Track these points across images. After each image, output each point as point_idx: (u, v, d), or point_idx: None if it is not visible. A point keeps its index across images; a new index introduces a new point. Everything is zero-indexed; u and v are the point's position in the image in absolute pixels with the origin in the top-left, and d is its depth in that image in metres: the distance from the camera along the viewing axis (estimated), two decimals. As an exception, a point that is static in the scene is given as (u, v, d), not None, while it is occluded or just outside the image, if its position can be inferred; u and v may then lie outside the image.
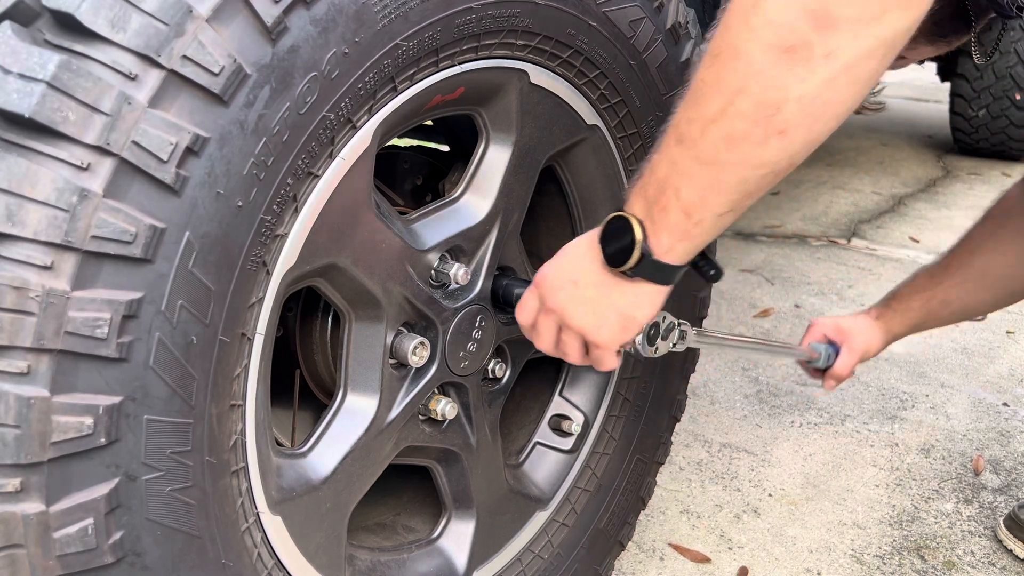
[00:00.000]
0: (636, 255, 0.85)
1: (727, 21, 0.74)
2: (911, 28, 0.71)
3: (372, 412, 0.98)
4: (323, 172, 0.82)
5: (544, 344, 0.98)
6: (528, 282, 1.04)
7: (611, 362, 0.95)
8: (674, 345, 1.02)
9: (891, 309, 1.53)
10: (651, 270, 0.86)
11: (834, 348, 1.51)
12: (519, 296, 1.04)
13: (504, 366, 1.17)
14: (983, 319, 2.54)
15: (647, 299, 0.90)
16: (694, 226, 0.82)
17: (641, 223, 0.85)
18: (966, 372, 2.25)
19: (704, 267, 0.95)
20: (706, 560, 1.56)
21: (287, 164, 0.75)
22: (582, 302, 0.92)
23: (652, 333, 0.97)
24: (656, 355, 0.99)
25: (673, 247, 0.84)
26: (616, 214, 0.87)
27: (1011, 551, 1.58)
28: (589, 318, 0.92)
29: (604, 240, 0.88)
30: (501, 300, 1.10)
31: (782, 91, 0.72)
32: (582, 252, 0.92)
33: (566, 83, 1.08)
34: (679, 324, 1.01)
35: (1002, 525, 1.62)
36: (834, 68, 0.71)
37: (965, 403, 2.10)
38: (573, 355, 0.97)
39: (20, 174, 0.62)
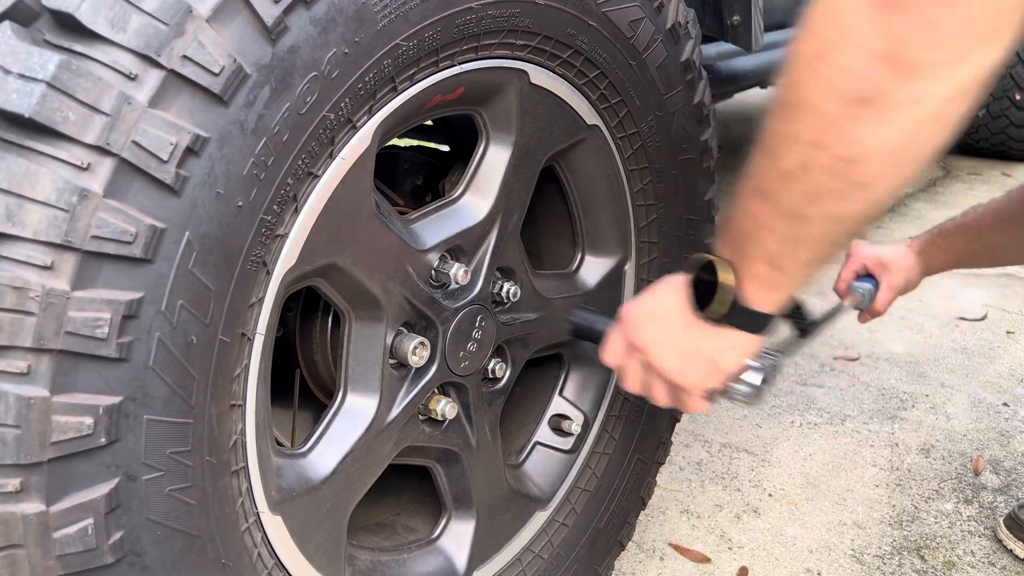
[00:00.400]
0: (725, 304, 0.82)
1: (794, 70, 0.69)
2: (1000, 61, 0.64)
3: (372, 412, 0.98)
4: (323, 172, 0.82)
5: (631, 385, 0.96)
6: (608, 317, 1.03)
7: (698, 406, 0.93)
8: (770, 383, 0.96)
9: (935, 245, 1.50)
10: (741, 318, 0.83)
11: (872, 282, 1.47)
12: (601, 332, 1.02)
13: (504, 366, 1.17)
14: (983, 318, 2.55)
15: (735, 346, 0.87)
16: (780, 276, 0.79)
17: (733, 268, 0.82)
18: (966, 372, 2.25)
19: (796, 319, 0.92)
20: (706, 560, 1.56)
21: (287, 164, 0.75)
22: (668, 343, 0.89)
23: (764, 372, 0.93)
24: (758, 401, 0.95)
25: (762, 296, 0.82)
26: (707, 257, 0.84)
27: (1011, 551, 1.58)
28: (674, 360, 0.90)
29: (694, 283, 0.86)
30: (585, 335, 1.08)
31: (860, 144, 0.66)
32: (670, 292, 0.89)
33: (566, 83, 1.08)
34: (774, 357, 0.95)
35: (1002, 525, 1.62)
36: (918, 116, 0.65)
37: (965, 403, 2.10)
38: (660, 397, 0.94)
39: (20, 174, 0.62)
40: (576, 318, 1.07)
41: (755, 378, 0.92)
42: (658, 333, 0.90)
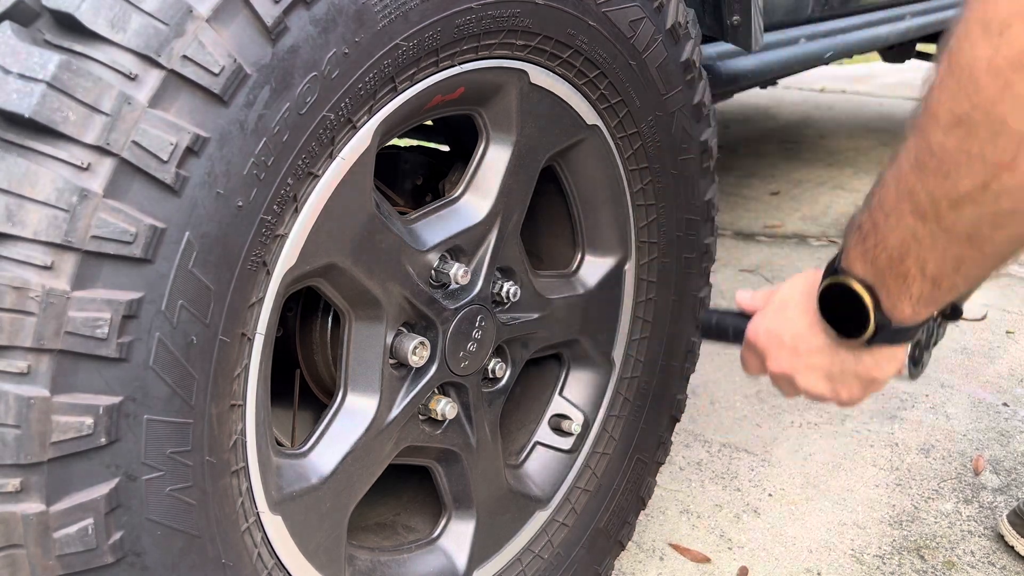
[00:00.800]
0: (871, 327, 0.77)
1: (973, 77, 0.60)
2: None
3: (372, 412, 0.98)
4: (323, 172, 0.82)
5: (787, 394, 0.93)
6: (740, 314, 0.98)
7: (862, 400, 0.89)
8: (936, 344, 0.90)
9: None
10: (890, 336, 0.79)
11: None
12: (736, 330, 0.97)
13: (504, 366, 1.17)
14: (983, 318, 2.54)
15: (888, 358, 0.83)
16: (944, 293, 0.74)
17: (871, 290, 0.76)
18: (966, 372, 2.25)
19: (946, 312, 0.85)
20: (706, 560, 1.56)
21: (287, 164, 0.75)
22: (812, 369, 0.85)
23: (916, 354, 0.87)
24: (918, 377, 0.90)
25: (917, 313, 0.76)
26: (835, 281, 0.79)
27: (1012, 547, 1.58)
28: (824, 385, 0.86)
29: (826, 309, 0.81)
30: (714, 337, 1.02)
31: None
32: (797, 318, 0.85)
33: (566, 83, 1.08)
34: (936, 322, 0.88)
35: (1005, 520, 1.61)
36: None
37: (965, 403, 2.10)
38: (824, 402, 0.91)
39: (20, 174, 0.62)
40: (706, 318, 1.02)
41: (908, 365, 0.87)
42: (800, 362, 0.86)
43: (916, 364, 0.87)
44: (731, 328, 0.99)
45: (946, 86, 0.63)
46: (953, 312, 0.84)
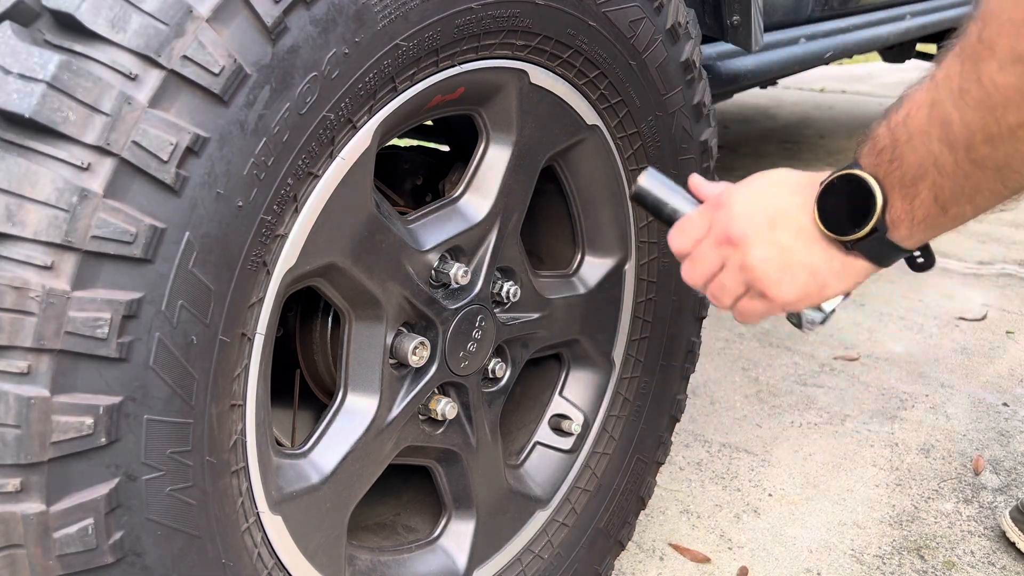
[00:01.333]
0: (869, 227, 0.75)
1: None
2: None
3: (372, 412, 0.98)
4: (323, 172, 0.82)
5: (695, 276, 0.88)
6: (686, 196, 0.93)
7: (759, 318, 0.86)
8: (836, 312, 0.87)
9: None
10: (875, 248, 0.77)
11: None
12: (673, 210, 0.93)
13: (504, 366, 1.17)
14: (983, 318, 2.54)
15: (852, 273, 0.80)
16: (949, 220, 0.73)
17: (884, 192, 0.74)
18: (966, 372, 2.25)
19: (920, 255, 0.82)
20: (706, 560, 1.56)
21: (287, 164, 0.75)
22: (774, 247, 0.81)
23: (831, 306, 0.85)
24: (815, 330, 0.87)
25: (913, 235, 0.75)
26: (850, 172, 0.76)
27: (1013, 544, 1.58)
28: (777, 272, 0.81)
29: (826, 196, 0.78)
30: (649, 206, 0.95)
31: None
32: (789, 195, 0.81)
33: (566, 83, 1.08)
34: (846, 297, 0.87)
35: (1008, 517, 1.61)
36: None
37: (965, 403, 2.10)
38: (726, 298, 0.86)
39: (20, 174, 0.62)
40: (646, 181, 0.94)
41: (831, 304, 0.85)
42: (769, 239, 0.81)
43: (833, 311, 0.85)
44: (669, 207, 0.92)
45: (1012, 21, 0.61)
46: (926, 260, 0.81)
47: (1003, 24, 0.62)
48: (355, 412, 0.99)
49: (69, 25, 0.64)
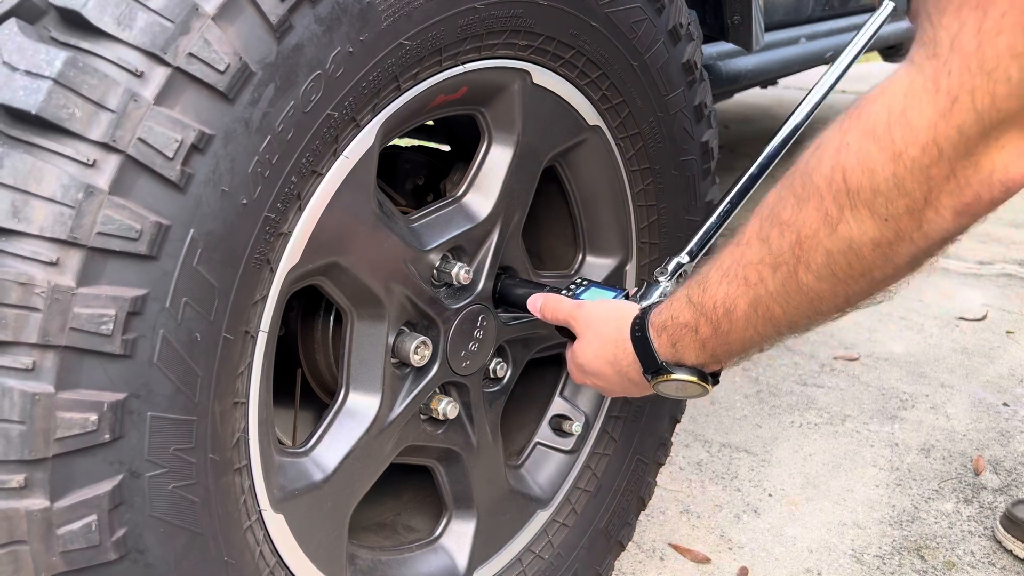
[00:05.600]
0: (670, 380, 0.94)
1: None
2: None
3: (374, 411, 0.98)
4: (327, 170, 0.82)
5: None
6: (534, 284, 1.12)
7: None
8: None
9: None
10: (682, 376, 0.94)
11: None
12: (521, 296, 1.09)
13: (505, 366, 1.17)
14: (983, 318, 2.55)
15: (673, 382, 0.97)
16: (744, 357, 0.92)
17: (697, 371, 0.93)
18: (966, 372, 2.26)
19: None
20: (706, 560, 1.56)
21: (291, 162, 0.75)
22: (618, 389, 1.01)
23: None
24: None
25: (705, 365, 0.93)
26: (659, 377, 0.93)
27: (1010, 551, 1.58)
28: (620, 393, 1.02)
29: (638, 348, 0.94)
30: (507, 301, 1.12)
31: None
32: (621, 355, 0.96)
33: (568, 83, 1.08)
34: None
35: (999, 526, 1.62)
36: None
37: (965, 403, 2.11)
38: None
39: (26, 170, 0.62)
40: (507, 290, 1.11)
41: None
42: (611, 384, 1.00)
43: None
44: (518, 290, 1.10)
45: (824, 247, 0.72)
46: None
47: (816, 245, 0.71)
48: (356, 411, 0.99)
49: (75, 22, 0.64)
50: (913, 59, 0.63)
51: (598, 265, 1.26)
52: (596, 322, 0.99)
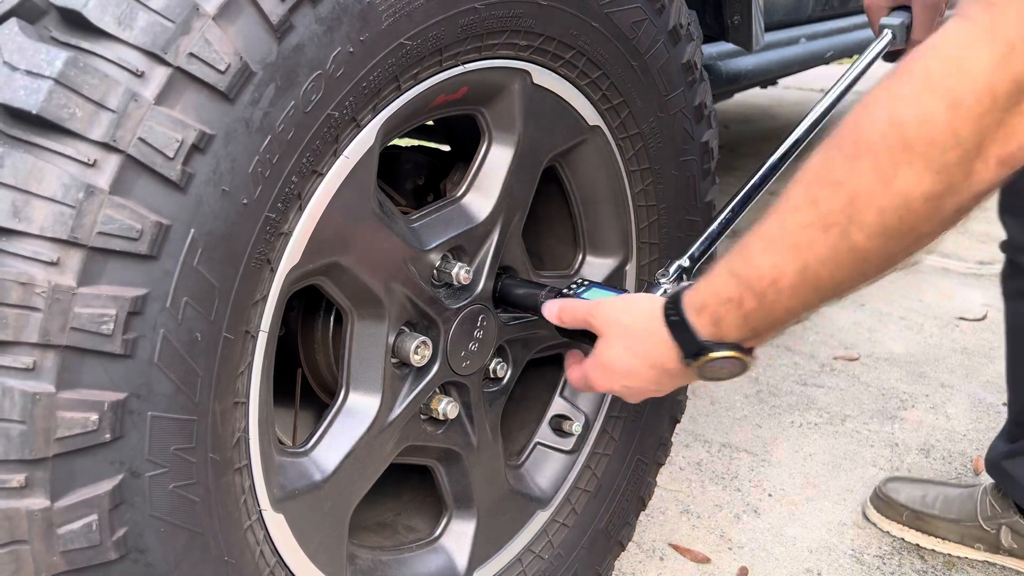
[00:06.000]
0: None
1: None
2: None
3: (374, 411, 0.98)
4: (327, 170, 0.82)
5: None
6: (534, 284, 1.10)
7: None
8: None
9: None
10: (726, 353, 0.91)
11: (905, 12, 1.30)
12: (522, 296, 1.08)
13: (505, 366, 1.17)
14: (983, 318, 2.55)
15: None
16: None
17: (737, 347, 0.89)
18: (966, 372, 2.26)
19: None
20: (706, 560, 1.56)
21: (292, 162, 0.75)
22: (645, 391, 0.96)
23: None
24: None
25: (747, 342, 0.89)
26: (705, 356, 0.88)
27: (887, 532, 1.62)
28: (643, 396, 0.99)
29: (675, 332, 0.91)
30: (507, 301, 1.11)
31: None
32: (656, 347, 0.92)
33: (568, 84, 1.08)
34: None
35: (869, 504, 1.66)
36: None
37: (965, 403, 2.11)
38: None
39: (27, 170, 0.62)
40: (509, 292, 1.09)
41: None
42: (641, 381, 0.94)
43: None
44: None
45: (879, 206, 0.71)
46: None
47: (869, 203, 0.71)
48: (357, 411, 0.99)
49: (76, 22, 0.64)
50: (965, 12, 0.65)
51: (598, 265, 1.26)
52: (621, 316, 0.96)
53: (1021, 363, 1.51)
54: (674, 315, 0.88)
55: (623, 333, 0.95)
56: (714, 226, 1.13)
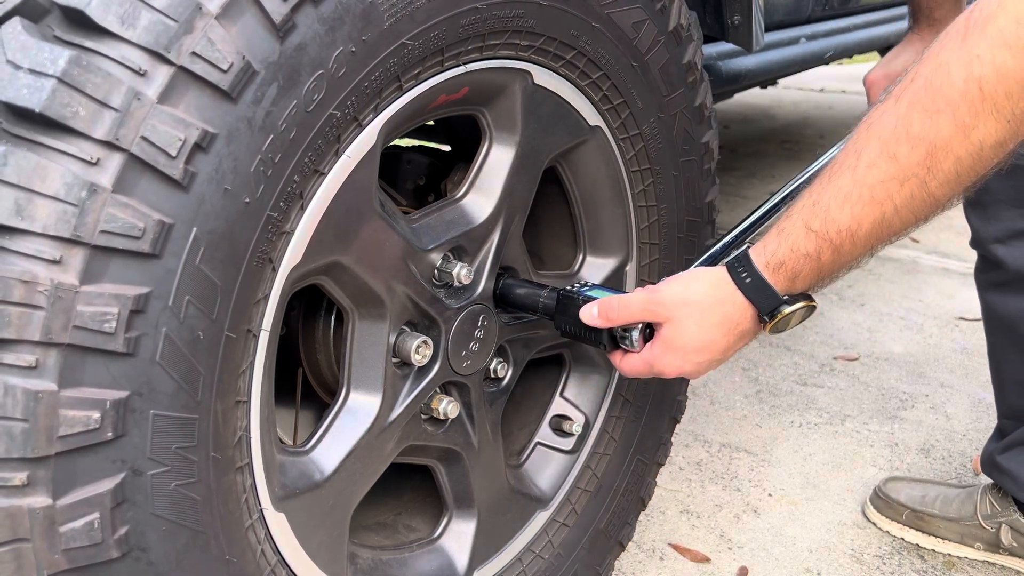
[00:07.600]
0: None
1: None
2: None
3: (375, 411, 0.98)
4: (329, 170, 0.82)
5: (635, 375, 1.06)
6: (535, 284, 1.11)
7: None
8: None
9: (936, 22, 1.52)
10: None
11: None
12: (522, 296, 1.09)
13: (506, 366, 1.18)
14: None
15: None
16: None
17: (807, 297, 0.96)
18: (966, 372, 2.26)
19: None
20: (706, 560, 1.56)
21: (294, 161, 0.76)
22: (712, 363, 0.98)
23: None
24: None
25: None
26: (778, 312, 0.93)
27: (887, 531, 1.61)
28: (705, 371, 1.00)
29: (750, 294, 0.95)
30: (507, 301, 1.11)
31: None
32: (734, 314, 0.95)
33: (569, 84, 1.08)
34: None
35: (869, 504, 1.66)
36: None
37: (965, 403, 2.11)
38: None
39: (30, 169, 0.62)
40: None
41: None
42: (717, 352, 0.96)
43: None
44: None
45: (956, 155, 0.80)
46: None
47: (947, 154, 0.78)
48: (357, 411, 0.99)
49: (79, 21, 0.64)
50: None
51: (598, 265, 1.27)
52: (686, 295, 0.96)
53: (1002, 357, 1.51)
54: (747, 276, 0.91)
55: (693, 311, 0.95)
56: (716, 247, 1.18)
